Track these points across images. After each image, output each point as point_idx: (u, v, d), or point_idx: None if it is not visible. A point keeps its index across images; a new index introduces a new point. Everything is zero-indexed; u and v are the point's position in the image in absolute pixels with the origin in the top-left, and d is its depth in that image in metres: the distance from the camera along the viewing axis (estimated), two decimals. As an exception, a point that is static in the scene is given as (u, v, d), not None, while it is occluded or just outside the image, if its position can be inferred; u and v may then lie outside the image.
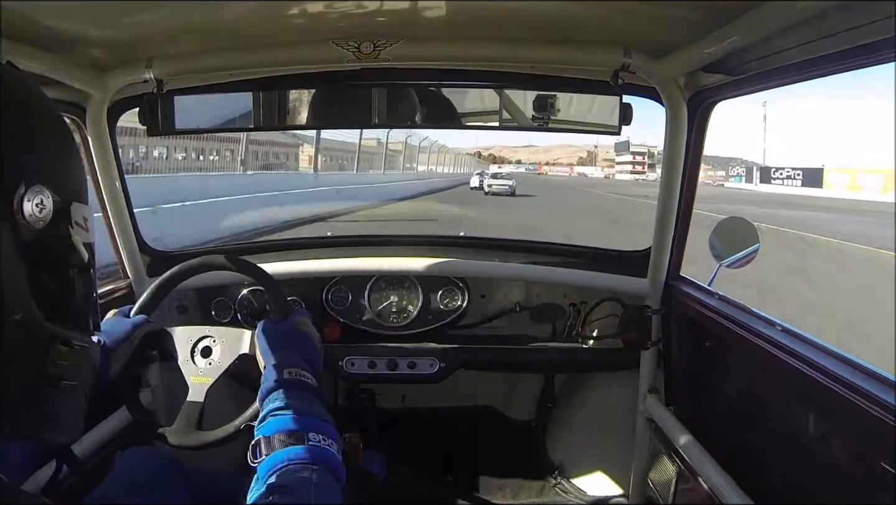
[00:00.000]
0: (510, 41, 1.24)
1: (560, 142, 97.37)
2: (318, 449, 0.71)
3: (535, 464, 2.07)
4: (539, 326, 1.77)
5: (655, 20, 1.09)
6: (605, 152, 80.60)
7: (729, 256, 1.45)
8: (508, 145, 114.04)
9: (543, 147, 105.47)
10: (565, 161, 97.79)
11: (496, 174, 30.65)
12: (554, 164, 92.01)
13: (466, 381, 1.78)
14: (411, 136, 23.27)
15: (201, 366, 1.02)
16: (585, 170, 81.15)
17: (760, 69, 1.09)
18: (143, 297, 1.05)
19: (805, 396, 1.06)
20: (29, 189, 0.49)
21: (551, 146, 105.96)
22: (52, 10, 0.94)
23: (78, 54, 1.18)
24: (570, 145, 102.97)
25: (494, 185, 25.57)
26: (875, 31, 0.79)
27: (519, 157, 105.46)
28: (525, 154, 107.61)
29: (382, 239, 2.12)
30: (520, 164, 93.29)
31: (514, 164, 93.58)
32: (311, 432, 0.72)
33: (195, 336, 1.04)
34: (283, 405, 0.76)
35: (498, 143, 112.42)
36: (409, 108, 1.42)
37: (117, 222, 1.54)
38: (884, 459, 0.82)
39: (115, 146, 1.47)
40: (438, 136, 28.64)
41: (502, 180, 26.68)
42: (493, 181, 26.54)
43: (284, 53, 1.26)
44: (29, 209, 0.49)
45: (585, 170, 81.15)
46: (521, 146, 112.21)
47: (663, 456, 1.51)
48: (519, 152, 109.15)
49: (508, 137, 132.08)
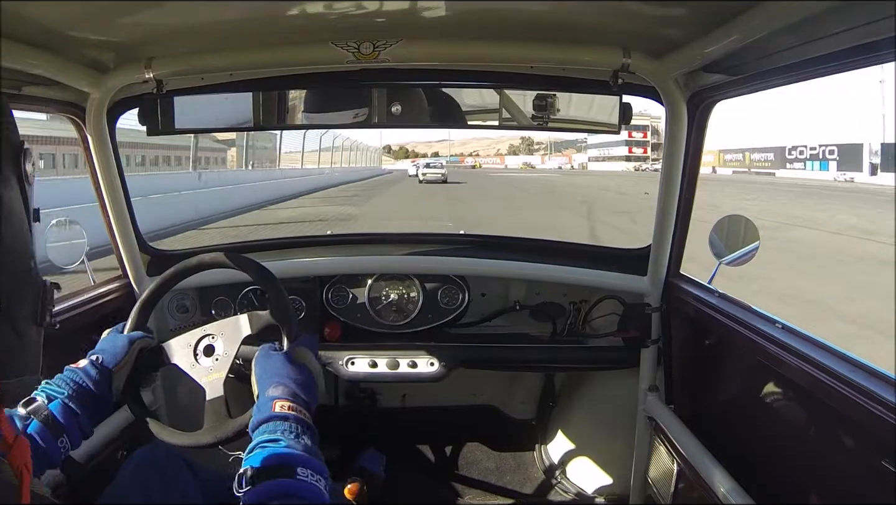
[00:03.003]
0: (510, 41, 1.24)
1: (475, 135, 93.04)
2: (306, 484, 0.71)
3: (536, 462, 2.07)
4: (539, 325, 1.77)
5: (655, 20, 1.09)
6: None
7: (729, 254, 1.46)
8: (423, 140, 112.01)
9: (459, 140, 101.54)
10: (483, 153, 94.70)
11: (429, 164, 32.88)
12: (475, 156, 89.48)
13: (467, 380, 1.79)
14: (325, 134, 26.30)
15: (209, 364, 1.01)
16: (530, 160, 75.91)
17: (760, 69, 1.09)
18: (134, 313, 1.06)
19: (805, 393, 1.06)
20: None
21: (466, 139, 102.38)
22: (52, 10, 0.94)
23: (78, 55, 1.18)
24: (486, 137, 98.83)
25: (429, 174, 28.48)
26: (874, 31, 0.79)
27: (435, 150, 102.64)
28: (442, 148, 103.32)
29: (383, 237, 2.13)
30: (437, 157, 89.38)
31: (429, 157, 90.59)
32: (300, 466, 0.72)
33: (193, 340, 1.03)
34: (273, 438, 0.76)
35: (413, 138, 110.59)
36: (408, 108, 1.42)
37: (117, 222, 1.54)
38: (884, 457, 0.82)
39: (114, 146, 1.47)
40: (351, 134, 31.29)
41: (435, 169, 29.49)
42: (426, 170, 29.39)
43: (284, 54, 1.26)
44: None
45: (530, 160, 75.91)
46: (436, 140, 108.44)
47: (663, 454, 1.52)
48: (434, 146, 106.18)
49: (422, 133, 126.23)
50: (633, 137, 54.28)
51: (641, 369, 1.64)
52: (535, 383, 2.12)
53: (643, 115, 47.29)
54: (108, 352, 0.93)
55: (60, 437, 0.83)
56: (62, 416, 0.83)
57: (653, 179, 2.92)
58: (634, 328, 1.62)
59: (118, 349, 0.94)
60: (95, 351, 0.94)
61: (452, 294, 1.75)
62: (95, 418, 0.89)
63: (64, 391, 0.86)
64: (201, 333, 1.04)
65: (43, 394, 0.84)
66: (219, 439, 0.94)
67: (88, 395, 0.88)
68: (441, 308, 1.75)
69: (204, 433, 0.96)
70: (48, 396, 0.84)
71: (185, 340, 1.04)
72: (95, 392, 0.88)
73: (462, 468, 2.09)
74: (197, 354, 1.03)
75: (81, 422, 0.86)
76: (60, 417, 0.83)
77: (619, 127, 1.39)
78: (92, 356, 0.92)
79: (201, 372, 1.01)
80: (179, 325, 1.72)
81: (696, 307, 1.42)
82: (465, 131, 24.87)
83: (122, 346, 0.95)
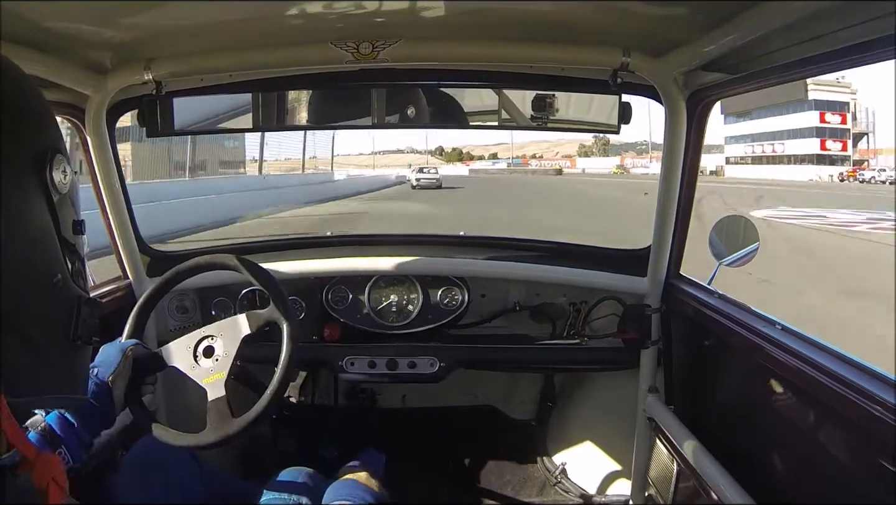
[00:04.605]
0: (508, 41, 1.24)
1: (532, 137, 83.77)
2: None
3: (536, 463, 2.07)
4: (539, 326, 1.77)
5: (654, 19, 1.09)
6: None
7: (729, 255, 1.45)
8: (479, 143, 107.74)
9: (517, 143, 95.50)
10: (547, 155, 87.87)
11: (422, 169, 33.95)
12: (540, 158, 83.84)
13: (466, 380, 1.78)
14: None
15: (209, 366, 1.02)
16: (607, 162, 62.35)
17: (759, 67, 1.09)
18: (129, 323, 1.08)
19: (805, 395, 1.06)
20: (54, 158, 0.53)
21: (524, 142, 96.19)
22: (51, 12, 0.94)
23: (77, 57, 1.19)
24: (544, 140, 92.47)
25: (422, 180, 29.17)
26: (872, 30, 0.79)
27: (493, 152, 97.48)
28: (501, 150, 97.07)
29: (383, 238, 2.13)
30: (496, 159, 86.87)
31: (486, 159, 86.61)
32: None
33: (192, 342, 1.03)
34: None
35: (470, 141, 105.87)
36: (408, 109, 1.42)
37: (117, 223, 1.54)
38: (883, 458, 0.82)
39: (114, 148, 1.47)
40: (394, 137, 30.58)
41: (428, 175, 30.51)
42: (420, 175, 30.23)
43: (283, 55, 1.26)
44: (58, 177, 0.53)
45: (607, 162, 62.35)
46: (493, 143, 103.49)
47: (663, 455, 1.52)
48: (491, 149, 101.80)
49: (480, 136, 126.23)
50: (827, 122, 31.15)
51: (641, 370, 1.64)
52: (534, 384, 2.12)
53: (840, 84, 25.81)
54: (102, 364, 0.94)
55: (59, 448, 0.83)
56: (59, 428, 0.84)
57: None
58: (634, 329, 1.62)
59: (111, 359, 0.95)
60: (93, 365, 0.94)
61: (452, 295, 1.75)
62: (95, 430, 0.90)
63: None
64: (200, 334, 1.04)
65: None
66: (222, 438, 0.95)
67: (86, 406, 0.88)
68: (441, 309, 1.75)
69: (207, 433, 0.96)
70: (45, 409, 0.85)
71: (183, 342, 1.04)
72: (94, 404, 0.89)
73: (462, 469, 2.09)
74: (197, 355, 1.03)
75: (80, 433, 0.86)
76: (57, 429, 0.84)
77: (618, 127, 1.39)
78: (91, 369, 0.93)
79: (202, 373, 1.01)
80: (179, 325, 1.72)
81: (696, 308, 1.42)
82: (523, 133, 23.78)
83: (115, 355, 0.96)
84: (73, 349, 0.55)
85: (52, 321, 0.52)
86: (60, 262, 0.53)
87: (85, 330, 0.55)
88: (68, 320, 0.53)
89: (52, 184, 0.52)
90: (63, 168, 0.53)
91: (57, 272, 0.52)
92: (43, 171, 0.51)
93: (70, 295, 0.54)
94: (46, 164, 0.51)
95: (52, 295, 0.52)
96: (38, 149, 0.51)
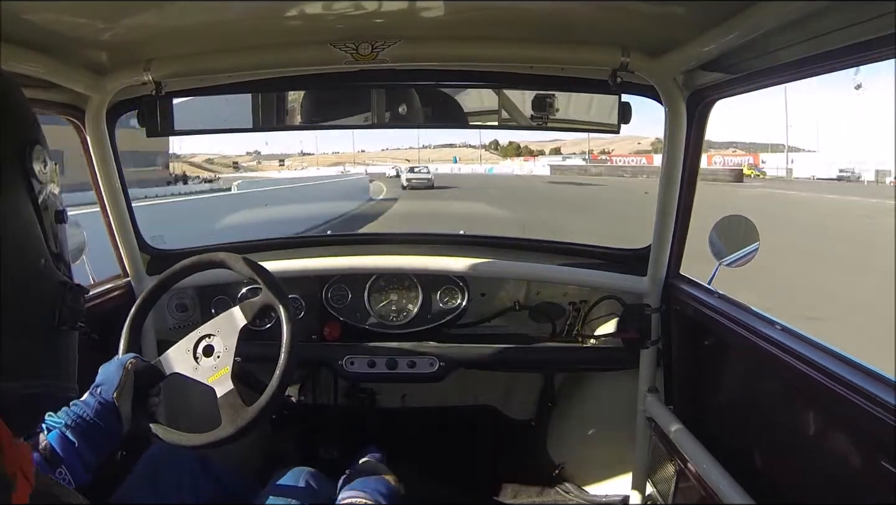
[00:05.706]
0: (508, 41, 1.24)
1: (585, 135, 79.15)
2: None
3: (535, 463, 2.07)
4: (539, 325, 1.77)
5: (653, 19, 1.09)
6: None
7: (729, 255, 1.45)
8: (535, 139, 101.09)
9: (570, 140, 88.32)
10: (617, 151, 76.45)
11: (413, 168, 34.00)
12: (609, 154, 75.78)
13: (466, 380, 1.78)
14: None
15: (211, 363, 1.02)
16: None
17: (759, 67, 1.09)
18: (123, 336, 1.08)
19: (805, 395, 1.06)
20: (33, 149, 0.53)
21: (579, 139, 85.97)
22: (51, 12, 0.94)
23: (76, 57, 1.19)
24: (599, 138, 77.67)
25: (413, 179, 29.00)
26: (871, 29, 0.79)
27: (556, 146, 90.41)
28: (565, 147, 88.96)
29: (382, 237, 2.13)
30: (558, 154, 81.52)
31: (548, 154, 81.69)
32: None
33: (191, 344, 1.04)
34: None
35: (525, 137, 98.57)
36: (407, 109, 1.42)
37: (117, 222, 1.55)
38: (883, 459, 0.82)
39: (114, 148, 1.48)
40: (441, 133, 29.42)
41: (420, 174, 30.50)
42: (410, 175, 30.13)
43: (283, 55, 1.26)
44: (38, 167, 0.53)
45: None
46: (548, 140, 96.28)
47: (663, 455, 1.51)
48: (546, 145, 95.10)
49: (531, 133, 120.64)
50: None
51: (641, 370, 1.64)
52: (534, 384, 2.12)
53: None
54: (104, 382, 0.94)
55: (58, 467, 0.82)
56: (59, 447, 0.83)
57: None
58: (634, 329, 1.62)
59: (112, 376, 0.95)
60: (94, 385, 0.94)
61: (452, 294, 1.75)
62: (99, 449, 0.89)
63: (62, 421, 0.86)
64: (197, 335, 1.05)
65: (42, 425, 0.84)
66: (241, 428, 0.95)
67: (89, 425, 0.88)
68: (440, 308, 1.75)
69: (226, 427, 0.96)
70: (47, 428, 0.85)
71: (182, 347, 1.04)
72: (98, 423, 0.89)
73: (461, 468, 2.09)
74: (197, 356, 1.03)
75: (81, 452, 0.85)
76: (58, 448, 0.83)
77: (618, 126, 1.39)
78: (93, 389, 0.93)
79: (206, 373, 1.01)
80: (179, 323, 1.72)
81: (696, 308, 1.41)
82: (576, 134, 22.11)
83: (115, 372, 0.95)
84: (58, 333, 0.55)
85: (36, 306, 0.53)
86: (44, 248, 0.54)
87: (69, 314, 0.55)
88: (52, 305, 0.54)
89: (33, 174, 0.52)
90: (43, 158, 0.54)
91: (41, 258, 0.53)
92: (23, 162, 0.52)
93: (54, 280, 0.55)
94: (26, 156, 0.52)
95: (38, 281, 0.53)
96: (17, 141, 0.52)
